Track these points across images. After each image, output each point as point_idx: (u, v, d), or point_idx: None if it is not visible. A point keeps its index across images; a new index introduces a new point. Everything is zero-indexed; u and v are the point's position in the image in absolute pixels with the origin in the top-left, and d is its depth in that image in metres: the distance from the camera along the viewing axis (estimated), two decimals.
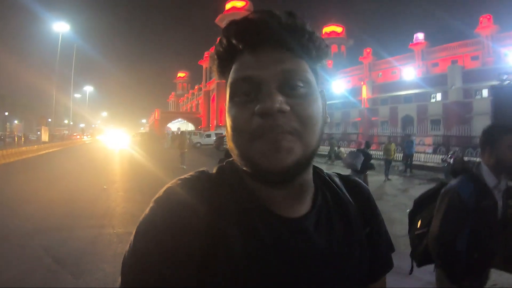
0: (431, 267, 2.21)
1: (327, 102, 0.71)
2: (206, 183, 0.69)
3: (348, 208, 0.77)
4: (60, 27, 46.10)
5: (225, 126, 0.68)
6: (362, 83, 47.94)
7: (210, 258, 0.61)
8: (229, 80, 0.66)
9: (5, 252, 5.27)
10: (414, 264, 2.24)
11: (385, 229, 0.86)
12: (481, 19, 43.45)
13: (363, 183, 0.87)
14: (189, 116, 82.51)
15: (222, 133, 33.60)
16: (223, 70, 0.70)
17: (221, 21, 65.27)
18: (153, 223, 0.62)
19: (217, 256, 0.61)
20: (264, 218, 0.66)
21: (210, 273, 0.60)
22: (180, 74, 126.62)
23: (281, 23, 0.64)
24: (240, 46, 0.65)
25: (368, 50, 57.99)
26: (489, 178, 2.02)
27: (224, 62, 0.69)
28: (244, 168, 0.66)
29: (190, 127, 70.08)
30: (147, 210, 0.65)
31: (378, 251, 0.81)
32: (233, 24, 0.67)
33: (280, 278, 0.63)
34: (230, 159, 0.73)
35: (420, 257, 2.20)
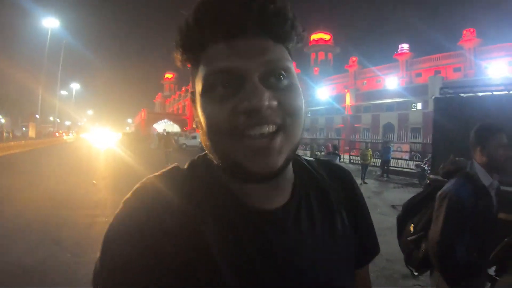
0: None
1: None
2: (177, 179, 0.66)
3: (329, 192, 0.74)
4: (50, 22, 45.78)
5: (198, 123, 0.64)
6: (346, 90, 48.89)
7: (189, 256, 0.57)
8: (202, 72, 0.59)
9: (7, 236, 5.76)
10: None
11: (368, 212, 0.83)
12: (464, 32, 44.62)
13: (344, 167, 0.85)
14: (175, 118, 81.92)
15: None
16: (188, 58, 0.63)
17: None
18: (123, 227, 0.58)
19: (196, 254, 0.58)
20: (241, 212, 0.63)
21: (190, 271, 0.57)
22: (168, 75, 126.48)
23: (261, 7, 0.57)
24: (215, 35, 0.58)
25: (354, 59, 59.05)
26: (484, 177, 2.02)
27: (191, 51, 0.62)
28: (221, 166, 0.62)
29: (175, 128, 69.85)
30: (117, 212, 0.61)
31: (363, 236, 0.79)
32: (204, 6, 0.59)
33: (263, 271, 0.60)
34: (202, 153, 0.70)
35: (418, 263, 2.15)
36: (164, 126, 70.38)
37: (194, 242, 0.58)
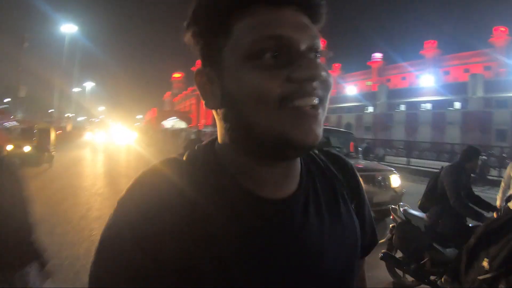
0: None
1: None
2: (177, 171, 0.60)
3: (334, 181, 0.71)
4: (68, 28, 46.91)
5: (225, 96, 0.56)
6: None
7: (194, 253, 0.52)
8: (245, 38, 0.53)
9: None
10: None
11: (367, 203, 0.79)
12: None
13: (346, 158, 0.80)
14: (182, 115, 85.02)
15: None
16: (213, 27, 0.55)
17: None
18: (118, 229, 0.53)
19: (201, 251, 0.53)
20: (250, 202, 0.58)
21: (196, 269, 0.52)
22: (176, 75, 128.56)
23: None
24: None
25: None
26: None
27: (220, 16, 0.54)
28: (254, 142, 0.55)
29: (182, 125, 71.32)
30: (111, 215, 0.56)
31: (364, 226, 0.75)
32: None
33: (274, 263, 0.56)
34: (201, 144, 0.66)
35: None
36: (173, 122, 71.79)
37: (198, 238, 0.54)
